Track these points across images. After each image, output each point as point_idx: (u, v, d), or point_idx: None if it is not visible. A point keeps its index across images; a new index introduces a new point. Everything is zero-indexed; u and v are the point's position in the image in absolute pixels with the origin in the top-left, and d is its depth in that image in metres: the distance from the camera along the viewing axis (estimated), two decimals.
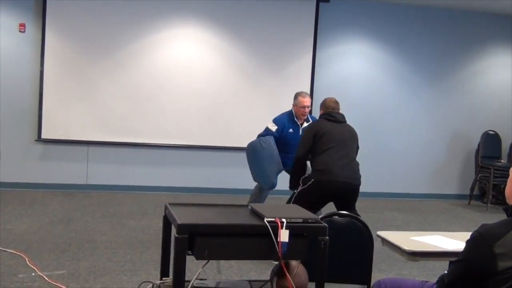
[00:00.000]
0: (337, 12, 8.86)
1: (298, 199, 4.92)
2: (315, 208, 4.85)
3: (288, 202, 5.22)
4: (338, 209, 4.92)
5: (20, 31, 8.01)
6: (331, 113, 5.12)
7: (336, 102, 5.26)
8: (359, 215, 4.16)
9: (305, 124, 5.87)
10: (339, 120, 5.12)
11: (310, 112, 6.24)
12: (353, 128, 5.21)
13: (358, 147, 5.20)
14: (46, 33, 7.96)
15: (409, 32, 9.17)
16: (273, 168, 5.76)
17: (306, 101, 5.89)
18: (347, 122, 5.18)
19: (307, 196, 4.94)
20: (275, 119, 6.00)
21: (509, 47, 9.49)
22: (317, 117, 5.40)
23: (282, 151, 5.80)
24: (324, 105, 5.27)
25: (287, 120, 5.97)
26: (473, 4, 8.64)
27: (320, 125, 5.08)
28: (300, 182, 5.07)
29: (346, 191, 4.95)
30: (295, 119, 5.96)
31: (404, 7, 9.03)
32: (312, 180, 4.95)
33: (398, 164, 9.12)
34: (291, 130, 5.93)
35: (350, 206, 5.00)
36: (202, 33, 8.44)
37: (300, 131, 5.87)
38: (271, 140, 5.77)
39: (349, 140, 5.06)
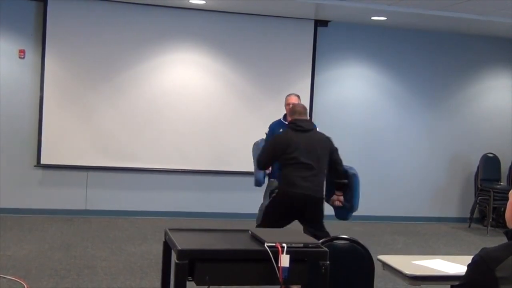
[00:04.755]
0: (335, 36, 8.91)
1: (266, 213, 5.19)
2: (280, 225, 4.80)
3: (258, 217, 5.78)
4: (304, 226, 5.10)
5: (20, 57, 8.04)
6: (297, 122, 5.10)
7: (304, 108, 5.30)
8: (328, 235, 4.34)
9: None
10: (306, 128, 5.09)
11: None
12: (322, 135, 5.21)
13: (333, 150, 5.17)
14: (46, 59, 7.99)
15: (408, 55, 9.21)
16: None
17: (289, 99, 6.28)
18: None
19: (273, 209, 5.11)
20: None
21: (507, 69, 9.54)
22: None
23: None
24: (291, 111, 5.31)
25: (277, 123, 6.27)
26: (471, 27, 8.68)
27: (286, 136, 5.10)
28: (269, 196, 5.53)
29: (306, 203, 4.95)
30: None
31: (402, 31, 9.08)
32: (277, 191, 5.14)
33: (397, 187, 9.11)
34: (281, 130, 5.94)
35: (316, 221, 5.03)
36: (201, 58, 8.48)
37: None
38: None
39: (316, 149, 5.02)
